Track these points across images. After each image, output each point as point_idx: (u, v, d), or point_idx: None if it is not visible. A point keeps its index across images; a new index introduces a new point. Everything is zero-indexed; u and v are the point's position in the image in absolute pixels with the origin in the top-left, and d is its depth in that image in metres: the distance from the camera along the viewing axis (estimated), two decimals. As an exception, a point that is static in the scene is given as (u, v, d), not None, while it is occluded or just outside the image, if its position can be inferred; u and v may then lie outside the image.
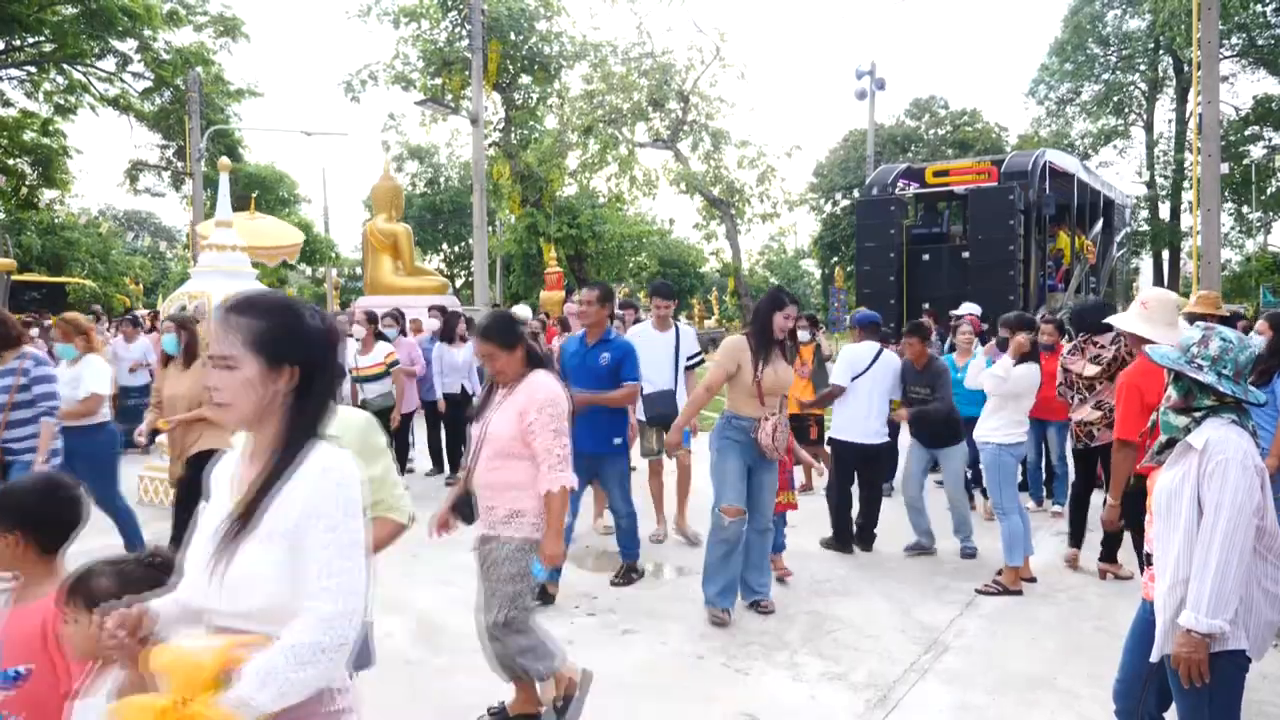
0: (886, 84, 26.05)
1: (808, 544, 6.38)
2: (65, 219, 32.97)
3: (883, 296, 16.01)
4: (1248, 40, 32.15)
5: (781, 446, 4.79)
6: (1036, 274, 16.40)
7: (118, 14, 23.36)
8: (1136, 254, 33.78)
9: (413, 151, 40.23)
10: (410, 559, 5.96)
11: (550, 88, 25.35)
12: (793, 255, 49.83)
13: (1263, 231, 36.37)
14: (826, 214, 37.94)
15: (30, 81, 26.03)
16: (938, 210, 18.73)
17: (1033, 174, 15.83)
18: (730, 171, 25.26)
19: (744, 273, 28.47)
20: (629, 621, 4.81)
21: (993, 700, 3.86)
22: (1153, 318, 4.08)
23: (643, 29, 25.54)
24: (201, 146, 21.50)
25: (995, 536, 6.50)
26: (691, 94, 24.73)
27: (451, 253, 43.51)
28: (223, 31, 26.94)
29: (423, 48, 23.53)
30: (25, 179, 27.80)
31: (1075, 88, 37.55)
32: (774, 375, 4.78)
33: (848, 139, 37.34)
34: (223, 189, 8.58)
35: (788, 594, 5.36)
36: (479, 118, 16.55)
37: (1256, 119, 33.41)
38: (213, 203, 10.88)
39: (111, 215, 50.58)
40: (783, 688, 3.96)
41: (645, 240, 31.49)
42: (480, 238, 16.74)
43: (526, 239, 25.97)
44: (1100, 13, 35.52)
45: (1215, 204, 12.18)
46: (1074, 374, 5.74)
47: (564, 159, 24.87)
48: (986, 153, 29.12)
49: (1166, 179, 35.21)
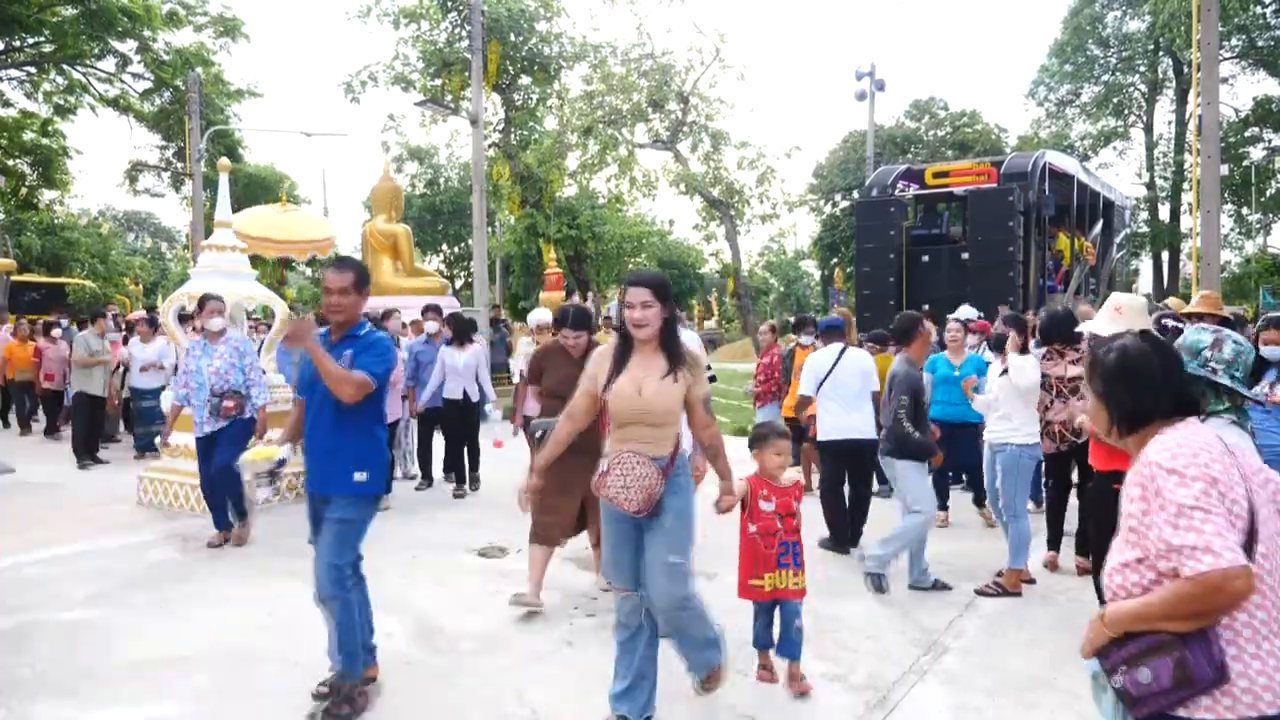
0: (886, 85, 26.04)
1: (808, 544, 6.37)
2: (65, 219, 32.96)
3: (882, 298, 16.03)
4: (1247, 42, 32.16)
5: (636, 499, 3.26)
6: (1036, 275, 16.41)
7: (117, 14, 23.37)
8: (1136, 255, 33.83)
9: (412, 152, 40.24)
10: (410, 560, 5.96)
11: (550, 89, 25.33)
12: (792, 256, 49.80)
13: (1262, 233, 36.41)
14: (826, 215, 37.95)
15: (30, 82, 26.05)
16: (937, 211, 18.74)
17: (1032, 175, 15.85)
18: (730, 172, 25.28)
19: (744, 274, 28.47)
20: (628, 622, 4.80)
21: (992, 701, 3.86)
22: (1128, 322, 4.07)
23: (642, 30, 25.64)
24: (201, 147, 21.49)
25: (986, 537, 6.52)
26: (691, 95, 24.73)
27: (451, 253, 43.51)
28: (222, 32, 26.94)
29: (422, 48, 23.51)
30: (25, 179, 27.81)
31: (1075, 89, 37.57)
32: (621, 394, 3.37)
33: (847, 140, 37.34)
34: (222, 189, 8.59)
35: (787, 595, 5.35)
36: (479, 118, 16.54)
37: (1256, 120, 33.44)
38: (212, 203, 10.89)
39: (111, 216, 50.59)
40: (782, 689, 3.96)
41: (645, 241, 31.45)
42: (480, 238, 16.73)
43: (526, 240, 25.95)
44: (1100, 14, 35.54)
45: (1215, 205, 12.18)
46: (1052, 377, 5.74)
47: (564, 160, 24.86)
48: (986, 154, 29.12)
49: (1166, 180, 35.23)
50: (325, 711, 3.57)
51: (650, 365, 3.38)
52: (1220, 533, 1.69)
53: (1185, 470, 1.77)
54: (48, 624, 4.75)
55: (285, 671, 4.05)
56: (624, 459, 3.31)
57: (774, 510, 3.90)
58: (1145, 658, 1.77)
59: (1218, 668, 1.70)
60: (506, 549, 6.29)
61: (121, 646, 4.39)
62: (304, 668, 4.00)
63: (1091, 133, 37.93)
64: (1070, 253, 17.99)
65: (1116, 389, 1.99)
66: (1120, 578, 1.87)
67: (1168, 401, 1.95)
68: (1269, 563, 1.77)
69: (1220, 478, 1.77)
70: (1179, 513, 1.73)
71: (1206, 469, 1.77)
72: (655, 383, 3.35)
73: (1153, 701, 1.76)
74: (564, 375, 4.85)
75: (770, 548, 3.88)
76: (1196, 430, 1.90)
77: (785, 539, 3.91)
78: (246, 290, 8.28)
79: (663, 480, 3.32)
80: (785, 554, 3.90)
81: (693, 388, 3.40)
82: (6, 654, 4.32)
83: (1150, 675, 1.75)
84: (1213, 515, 1.71)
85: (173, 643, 4.45)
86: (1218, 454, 1.82)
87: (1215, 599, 1.68)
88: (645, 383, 3.35)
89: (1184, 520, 1.71)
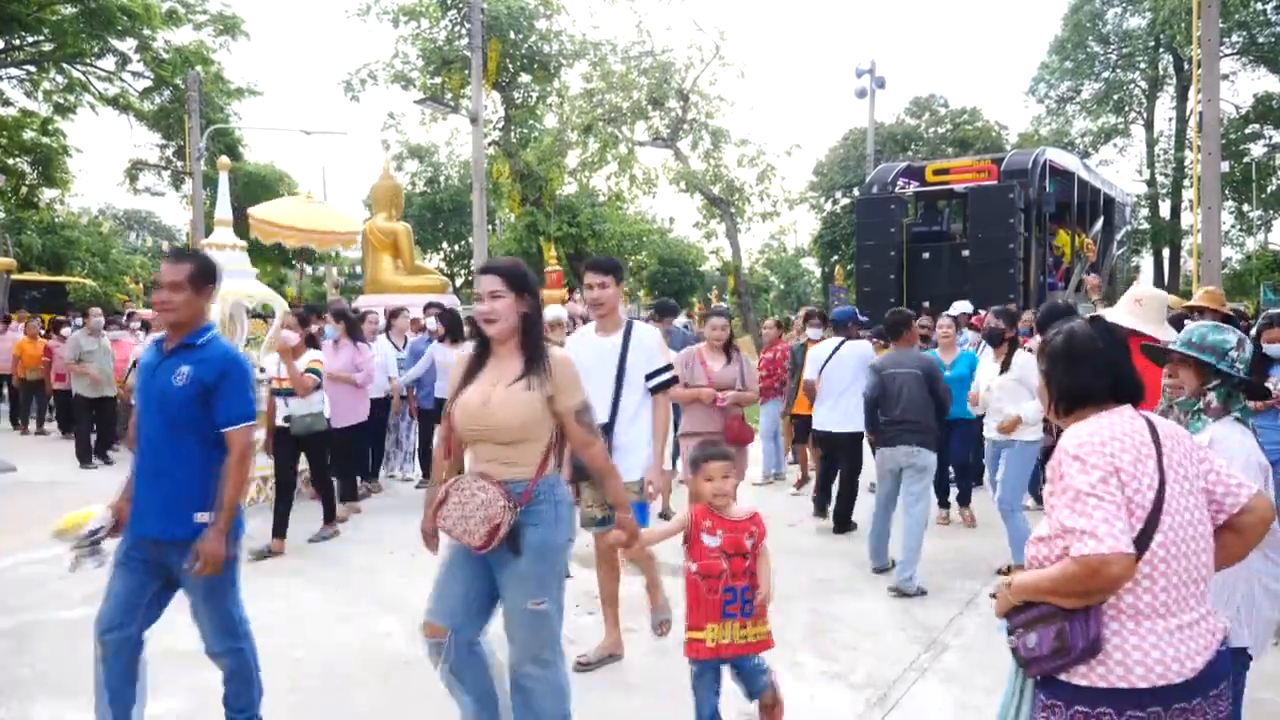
0: (886, 82, 26.00)
1: (808, 543, 6.38)
2: (65, 218, 32.95)
3: (882, 295, 16.02)
4: (1248, 38, 32.11)
5: (478, 532, 2.76)
6: (1036, 272, 16.41)
7: (117, 13, 23.35)
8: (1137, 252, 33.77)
9: (412, 150, 40.20)
10: (409, 559, 5.96)
11: (550, 86, 25.33)
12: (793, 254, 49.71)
13: (1263, 230, 36.37)
14: (827, 212, 37.89)
15: (30, 81, 26.04)
16: (938, 208, 18.73)
17: (1033, 172, 15.84)
18: (730, 170, 25.24)
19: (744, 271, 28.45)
20: (628, 620, 4.79)
21: (992, 699, 3.85)
22: (1148, 316, 4.05)
23: (642, 27, 25.52)
24: (201, 146, 21.49)
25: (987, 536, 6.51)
26: (691, 92, 24.69)
27: (452, 251, 43.49)
28: (222, 30, 26.93)
29: (422, 46, 23.51)
30: (25, 178, 27.81)
31: (1075, 86, 37.50)
32: (464, 407, 2.90)
33: (848, 137, 37.29)
34: (222, 188, 8.58)
35: (788, 593, 5.35)
36: (478, 117, 16.54)
37: (1257, 117, 33.40)
38: (212, 202, 10.88)
39: (111, 215, 50.54)
40: (782, 687, 3.95)
41: (645, 239, 31.46)
42: (480, 236, 16.73)
43: (526, 238, 25.95)
44: (1100, 11, 35.47)
45: (1216, 202, 12.17)
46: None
47: (564, 158, 24.85)
48: (987, 151, 29.09)
49: (1167, 177, 35.17)
50: None
51: (505, 370, 2.86)
52: (1108, 520, 1.81)
53: (1088, 458, 1.89)
54: (48, 624, 4.75)
55: (285, 669, 4.05)
56: (464, 484, 2.81)
57: (719, 547, 3.20)
58: (1034, 625, 1.94)
59: (1091, 641, 1.86)
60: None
61: (121, 646, 4.38)
62: (303, 665, 4.00)
63: (1092, 129, 37.87)
64: (1071, 250, 17.99)
65: (1058, 368, 2.10)
66: (1034, 550, 2.02)
67: (1103, 386, 2.04)
68: (1166, 551, 1.88)
69: (1125, 467, 1.88)
70: (1075, 497, 1.86)
71: (1111, 458, 1.88)
72: (503, 390, 2.81)
73: (1036, 665, 1.94)
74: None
75: (714, 592, 3.17)
76: (1118, 420, 1.98)
77: (733, 583, 3.18)
78: (246, 288, 8.28)
79: (514, 510, 2.77)
80: (732, 601, 3.17)
81: (557, 397, 2.84)
82: (6, 654, 4.32)
83: (1035, 641, 1.92)
84: (1104, 503, 1.84)
85: (172, 641, 4.44)
86: (1131, 445, 1.92)
87: (1094, 580, 1.83)
88: (494, 391, 2.82)
89: (1079, 505, 1.85)
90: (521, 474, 2.84)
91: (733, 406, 5.38)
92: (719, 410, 5.35)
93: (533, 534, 2.82)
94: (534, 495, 2.83)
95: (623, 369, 4.17)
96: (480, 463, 2.89)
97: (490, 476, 2.81)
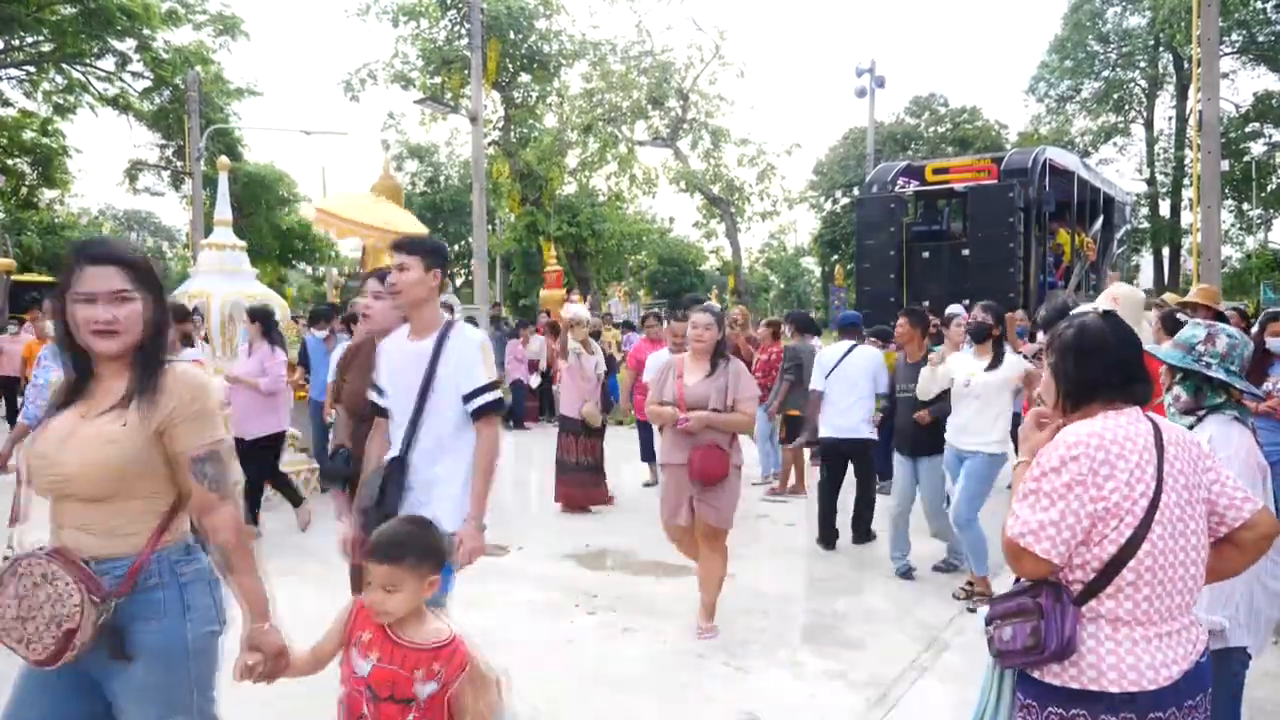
0: (886, 82, 26.00)
1: (808, 543, 6.38)
2: (65, 219, 32.95)
3: (883, 294, 16.01)
4: (1248, 37, 32.11)
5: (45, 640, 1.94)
6: (1036, 272, 16.40)
7: (116, 13, 23.31)
8: (1137, 251, 33.76)
9: (412, 150, 40.22)
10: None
11: (550, 86, 25.33)
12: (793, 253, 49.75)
13: (1263, 228, 36.37)
14: (826, 212, 37.94)
15: (29, 81, 26.02)
16: (938, 208, 18.71)
17: (1033, 171, 15.82)
18: (730, 169, 25.29)
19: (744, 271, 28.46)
20: (629, 620, 4.80)
21: (993, 698, 3.86)
22: (1124, 314, 4.01)
23: (642, 27, 25.52)
24: (201, 146, 21.49)
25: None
26: (691, 92, 24.73)
27: (452, 251, 43.52)
28: (222, 30, 26.91)
29: (422, 46, 23.50)
30: (25, 179, 27.80)
31: (1075, 85, 37.49)
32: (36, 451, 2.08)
33: (847, 137, 37.33)
34: (222, 188, 8.58)
35: (789, 593, 5.36)
36: (478, 116, 16.53)
37: (1257, 116, 33.39)
38: (212, 202, 10.86)
39: (112, 215, 50.52)
40: (783, 686, 3.96)
41: (645, 239, 31.43)
42: (480, 236, 16.73)
43: (526, 237, 25.94)
44: (1100, 10, 35.47)
45: (1215, 201, 12.17)
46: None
47: (564, 157, 24.86)
48: (986, 150, 29.10)
49: (1167, 176, 35.17)
50: None
51: (105, 395, 2.02)
52: (1054, 524, 1.86)
53: (1068, 462, 1.88)
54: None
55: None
56: (28, 568, 1.91)
57: (366, 678, 2.14)
58: (1011, 619, 1.95)
59: (1065, 641, 1.86)
60: (506, 547, 6.28)
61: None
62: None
63: (1092, 129, 37.87)
64: (1071, 249, 17.97)
65: (1066, 361, 2.06)
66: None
67: (1112, 382, 2.01)
68: (1154, 560, 1.86)
69: (1099, 482, 1.86)
70: (1034, 490, 1.91)
71: (1095, 468, 1.87)
72: (86, 425, 1.97)
73: (1010, 658, 1.97)
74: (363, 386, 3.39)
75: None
76: (1122, 422, 1.95)
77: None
78: (247, 289, 8.28)
79: (100, 607, 1.90)
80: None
81: (169, 433, 1.98)
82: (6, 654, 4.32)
83: (1011, 634, 1.94)
84: (1054, 506, 1.87)
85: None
86: (1130, 450, 1.89)
87: (1013, 563, 1.94)
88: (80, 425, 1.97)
89: (1032, 498, 1.90)
90: (122, 548, 1.97)
91: (705, 432, 4.37)
92: (688, 435, 4.41)
93: (146, 632, 1.98)
94: (142, 578, 1.97)
95: (428, 385, 3.11)
96: (64, 529, 1.98)
97: (67, 554, 1.92)
